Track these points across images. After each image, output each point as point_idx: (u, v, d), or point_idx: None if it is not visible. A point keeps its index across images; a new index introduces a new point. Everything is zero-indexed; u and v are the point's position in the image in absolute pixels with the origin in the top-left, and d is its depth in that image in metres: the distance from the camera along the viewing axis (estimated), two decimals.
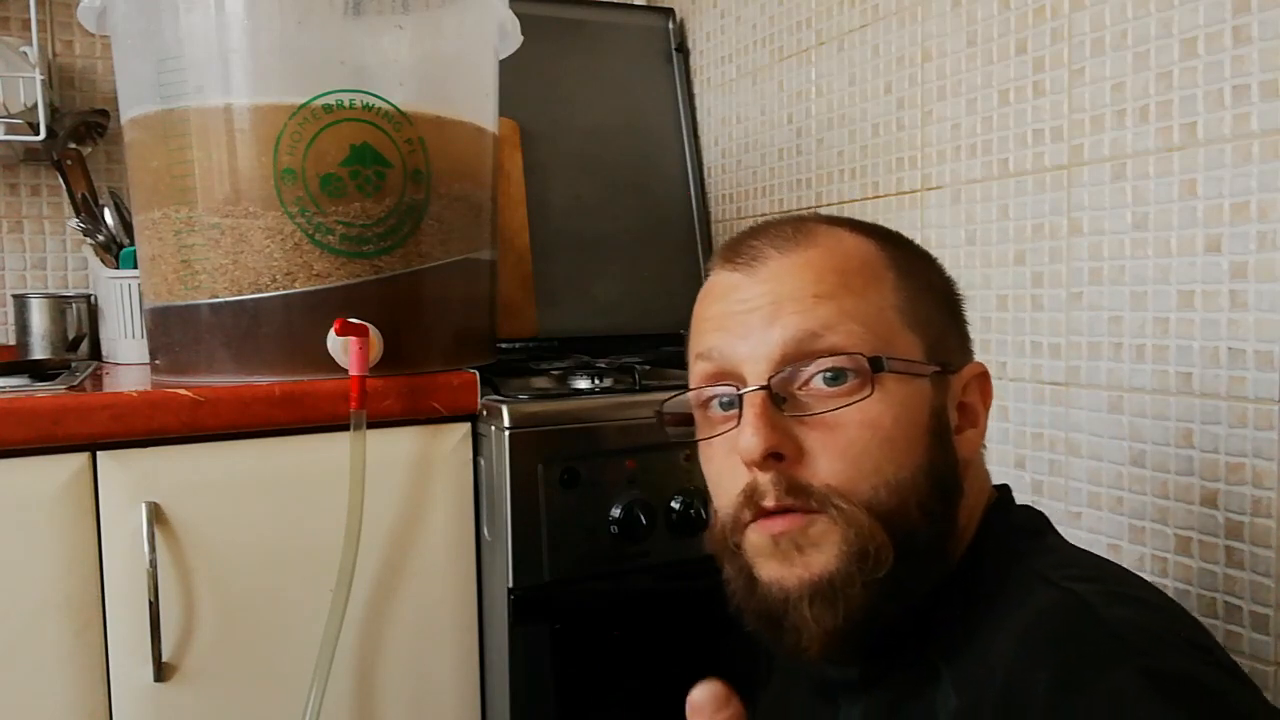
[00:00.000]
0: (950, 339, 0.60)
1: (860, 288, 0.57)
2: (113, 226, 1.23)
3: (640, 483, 0.96)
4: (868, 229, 0.61)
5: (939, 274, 0.63)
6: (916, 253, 0.63)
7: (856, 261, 0.58)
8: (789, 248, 0.59)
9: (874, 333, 0.56)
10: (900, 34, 1.15)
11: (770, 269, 0.58)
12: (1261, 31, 0.78)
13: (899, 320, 0.57)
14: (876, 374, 0.55)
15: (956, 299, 0.63)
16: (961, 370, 0.60)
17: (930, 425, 0.56)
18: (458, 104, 0.99)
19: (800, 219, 0.62)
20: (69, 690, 0.85)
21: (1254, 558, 0.81)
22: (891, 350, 0.56)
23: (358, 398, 0.87)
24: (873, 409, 0.54)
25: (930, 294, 0.60)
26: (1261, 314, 0.79)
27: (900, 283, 0.58)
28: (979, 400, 0.60)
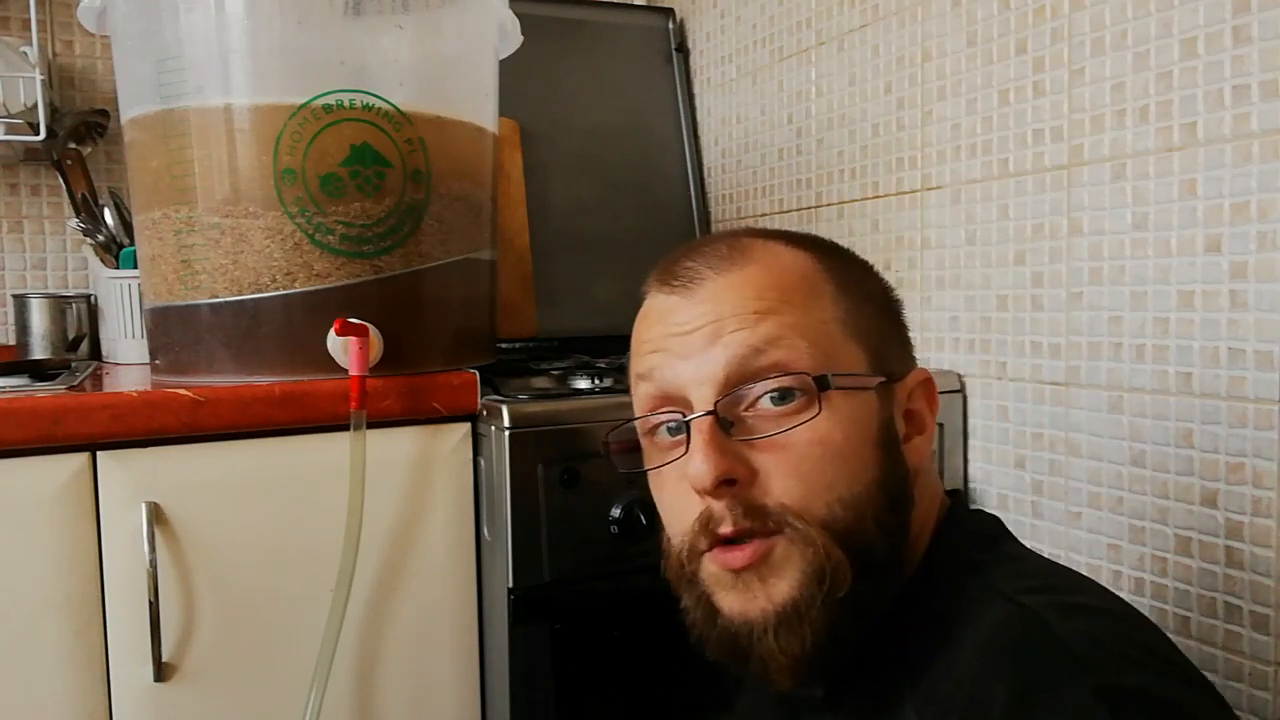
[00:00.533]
0: (892, 347, 0.60)
1: (800, 302, 0.56)
2: (113, 226, 1.23)
3: (640, 483, 0.96)
4: (803, 241, 0.61)
5: (876, 282, 0.62)
6: (853, 262, 0.62)
7: (795, 276, 0.58)
8: (725, 267, 0.58)
9: (818, 347, 0.55)
10: (900, 34, 1.15)
11: (708, 289, 0.57)
12: (1261, 31, 0.78)
13: (841, 333, 0.57)
14: (823, 391, 0.54)
15: (895, 305, 0.62)
16: (905, 378, 0.59)
17: (879, 437, 0.56)
18: (458, 104, 0.99)
19: (734, 235, 0.61)
20: (69, 690, 0.85)
21: (1254, 558, 0.81)
22: (836, 364, 0.55)
23: (358, 398, 0.87)
24: (822, 426, 0.54)
25: (870, 303, 0.60)
26: (1261, 314, 0.79)
27: (839, 295, 0.58)
28: (925, 407, 0.60)
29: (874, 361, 0.57)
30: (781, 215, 1.40)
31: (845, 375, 0.55)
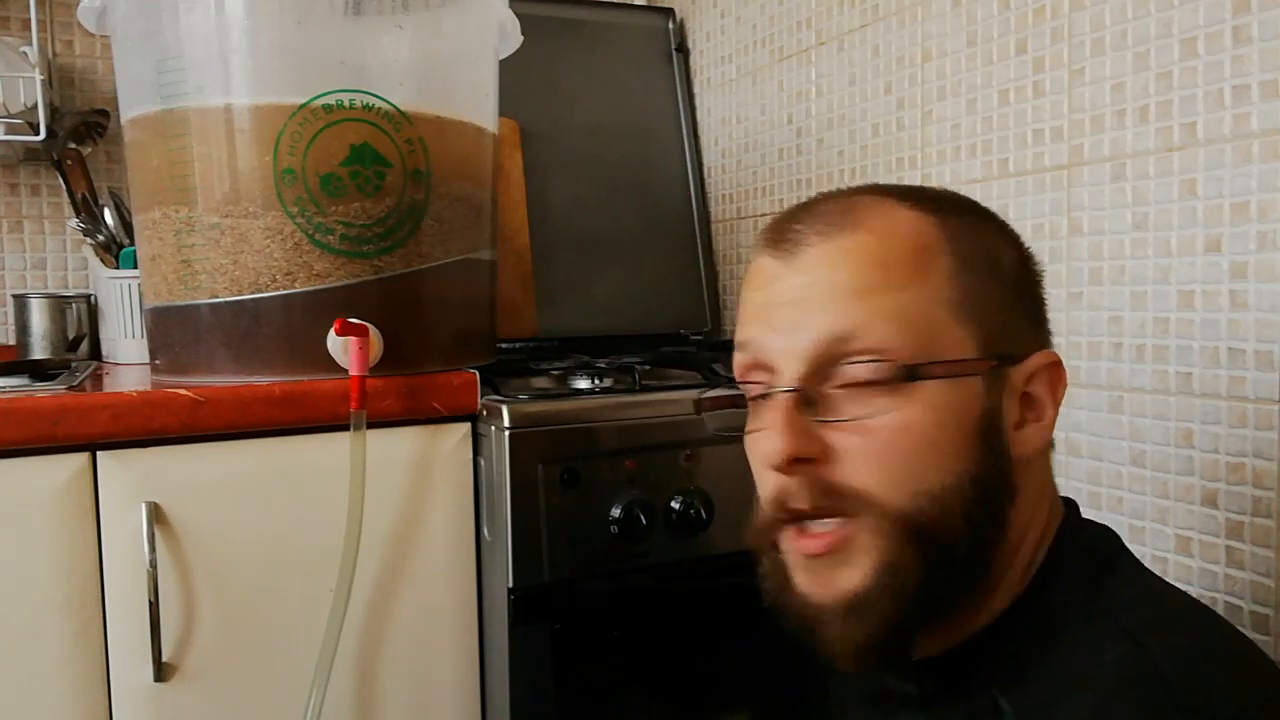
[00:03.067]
0: (1016, 324, 0.55)
1: (903, 280, 0.52)
2: (113, 226, 1.23)
3: (640, 483, 0.96)
4: (929, 200, 0.56)
5: (1009, 248, 0.57)
6: (984, 226, 0.57)
7: (905, 248, 0.53)
8: (832, 233, 0.54)
9: (917, 331, 0.52)
10: (900, 34, 1.15)
11: (810, 257, 0.54)
12: (1261, 31, 0.78)
13: (947, 314, 0.53)
14: (914, 380, 0.51)
15: (1029, 278, 0.57)
16: (1026, 360, 0.54)
17: (980, 426, 0.52)
18: (458, 104, 0.99)
19: (853, 193, 0.57)
20: (69, 690, 0.85)
21: (1254, 558, 0.81)
22: (937, 348, 0.52)
23: (358, 398, 0.87)
24: (910, 415, 0.51)
25: (993, 277, 0.55)
26: (1261, 314, 0.79)
27: (956, 267, 0.53)
28: (1047, 392, 0.55)
29: (987, 343, 0.53)
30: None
31: (941, 363, 0.52)
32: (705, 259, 1.58)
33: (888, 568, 0.51)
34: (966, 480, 0.52)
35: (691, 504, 0.97)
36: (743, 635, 1.03)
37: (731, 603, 1.03)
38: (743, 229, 1.50)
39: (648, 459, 0.97)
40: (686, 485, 0.98)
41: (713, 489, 0.98)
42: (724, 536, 0.98)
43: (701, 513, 0.97)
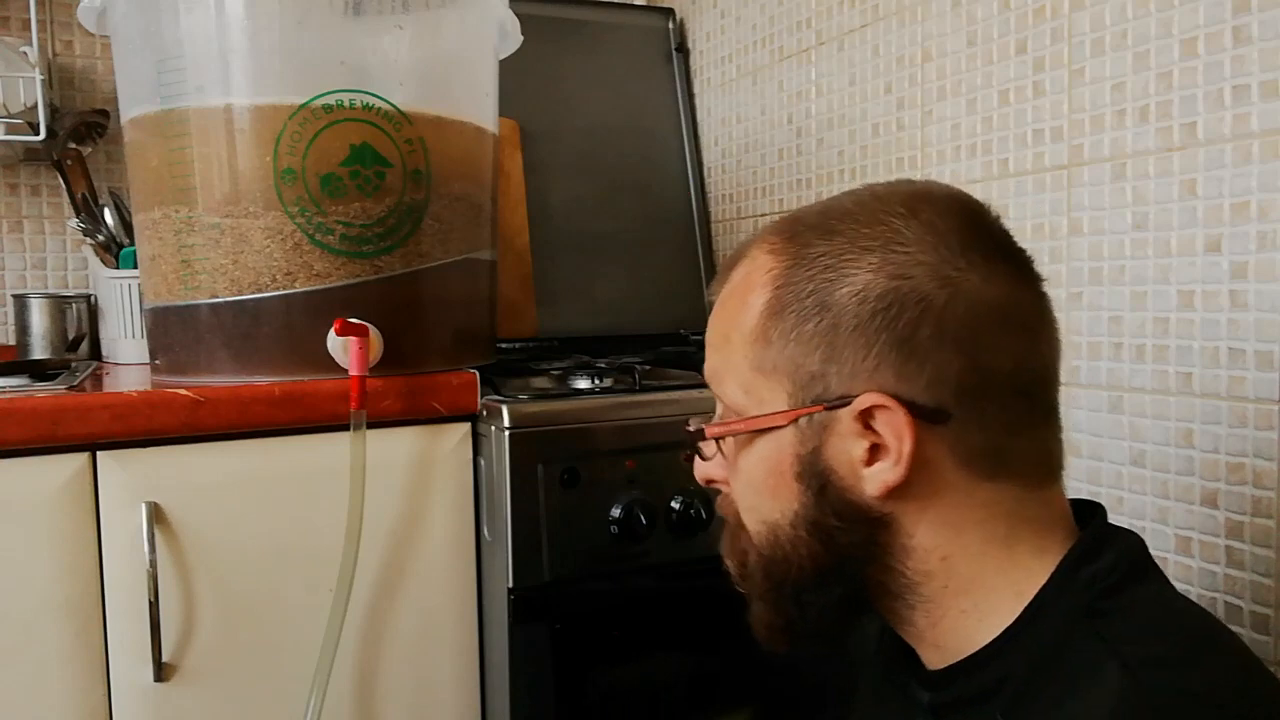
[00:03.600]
0: (848, 366, 0.53)
1: (733, 335, 0.58)
2: (113, 226, 1.23)
3: (640, 483, 0.96)
4: (792, 237, 0.57)
5: (851, 286, 0.53)
6: (843, 258, 0.54)
7: (741, 300, 0.58)
8: (721, 280, 0.61)
9: (739, 385, 0.57)
10: (900, 34, 1.15)
11: (716, 300, 0.61)
12: (1261, 31, 0.78)
13: (752, 368, 0.57)
14: (713, 440, 0.59)
15: (896, 310, 0.53)
16: (854, 401, 0.53)
17: (795, 471, 0.56)
18: (458, 104, 0.99)
19: (766, 230, 0.60)
20: (69, 690, 0.85)
21: (1254, 558, 0.81)
22: (753, 403, 0.57)
23: (358, 398, 0.87)
24: (743, 461, 0.58)
25: (816, 319, 0.54)
26: (1261, 314, 0.79)
27: (771, 319, 0.55)
28: (888, 430, 0.53)
29: (797, 392, 0.55)
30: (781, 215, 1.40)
31: (721, 425, 0.58)
32: (705, 259, 1.58)
33: (758, 576, 0.59)
34: (795, 518, 0.56)
35: (691, 504, 0.97)
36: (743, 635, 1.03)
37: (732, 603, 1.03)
38: (743, 229, 1.50)
39: (648, 459, 0.97)
40: (686, 485, 0.98)
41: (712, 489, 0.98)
42: None
43: (701, 513, 0.97)
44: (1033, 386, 0.55)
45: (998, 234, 0.56)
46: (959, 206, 0.56)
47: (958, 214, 0.55)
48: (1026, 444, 0.55)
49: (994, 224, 0.57)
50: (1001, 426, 0.54)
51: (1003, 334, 0.53)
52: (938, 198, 0.56)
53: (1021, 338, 0.54)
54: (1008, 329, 0.54)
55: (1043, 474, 0.57)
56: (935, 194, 0.57)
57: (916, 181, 0.61)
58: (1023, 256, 0.56)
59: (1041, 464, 0.57)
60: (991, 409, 0.53)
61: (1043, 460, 0.57)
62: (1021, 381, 0.54)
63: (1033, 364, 0.55)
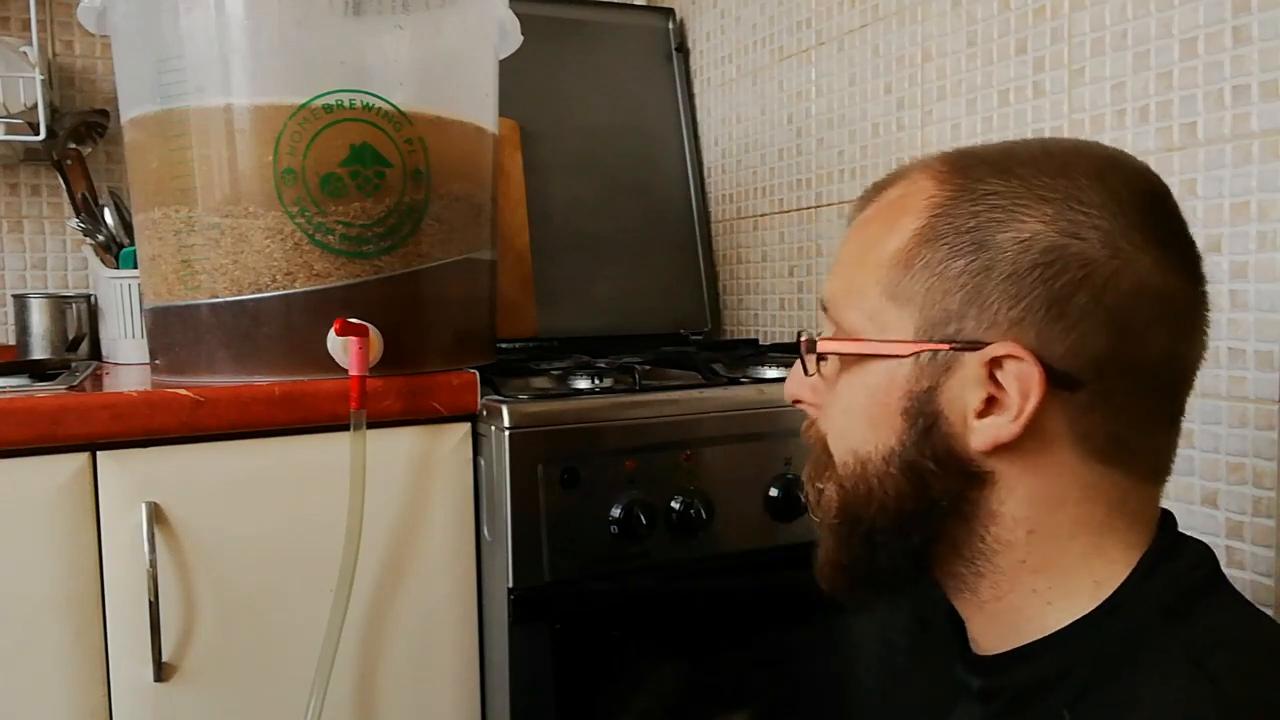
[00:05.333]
0: (987, 310, 0.51)
1: (862, 256, 0.56)
2: (113, 226, 1.23)
3: (640, 483, 0.96)
4: (960, 165, 0.54)
5: (1017, 232, 0.51)
6: (1013, 199, 0.52)
7: (883, 221, 0.55)
8: (872, 196, 0.58)
9: (861, 311, 0.55)
10: (900, 34, 1.15)
11: (857, 218, 0.59)
12: (1261, 31, 0.78)
13: (881, 293, 0.54)
14: (823, 358, 0.57)
15: (1050, 263, 0.50)
16: (985, 348, 0.51)
17: (903, 407, 0.54)
18: (458, 104, 0.99)
19: (929, 157, 0.57)
20: (69, 690, 0.85)
21: (1254, 558, 0.81)
22: (873, 328, 0.55)
23: (358, 398, 0.87)
24: (846, 383, 0.56)
25: (968, 256, 0.51)
26: (1261, 314, 0.79)
27: (916, 243, 0.53)
28: (1013, 385, 0.51)
29: (926, 327, 0.53)
30: (781, 215, 1.40)
31: (840, 339, 0.56)
32: (705, 259, 1.58)
33: (833, 508, 0.58)
34: (890, 453, 0.54)
35: (691, 504, 0.97)
36: (743, 635, 1.03)
37: (732, 602, 1.03)
38: (743, 229, 1.50)
39: (648, 459, 0.97)
40: (686, 485, 0.98)
41: (713, 489, 0.98)
42: (724, 536, 0.98)
43: (701, 513, 0.97)
44: (1170, 384, 0.54)
45: (1177, 222, 0.54)
46: (1147, 184, 0.54)
47: (1145, 191, 0.53)
48: (1146, 439, 0.53)
49: (1175, 210, 0.55)
50: (1128, 415, 0.52)
51: (1159, 323, 0.51)
52: (1128, 168, 0.54)
53: (1175, 332, 0.52)
54: (1165, 320, 0.51)
55: (1150, 471, 0.55)
56: (1126, 164, 0.55)
57: (1109, 147, 0.57)
58: (1194, 251, 0.54)
59: (1154, 461, 0.55)
60: (1123, 394, 0.51)
61: (1157, 458, 0.55)
62: (1161, 376, 0.53)
63: (1177, 362, 0.53)
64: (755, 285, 1.49)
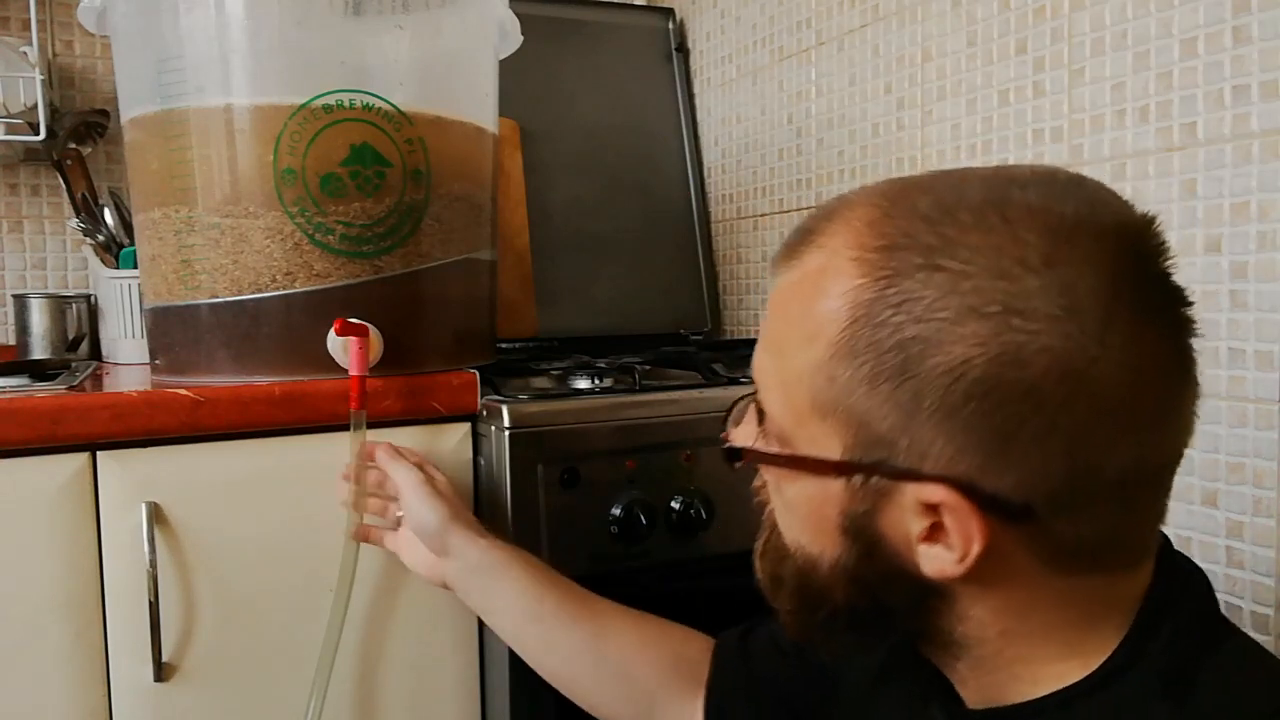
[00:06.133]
0: (924, 435, 0.44)
1: (781, 344, 0.48)
2: (113, 226, 1.23)
3: (640, 483, 0.96)
4: (887, 238, 0.45)
5: (945, 357, 0.42)
6: (927, 309, 0.43)
7: (801, 305, 0.47)
8: (794, 250, 0.49)
9: (789, 408, 0.48)
10: (900, 34, 1.15)
11: (775, 286, 0.51)
12: (1261, 31, 0.78)
13: (805, 399, 0.47)
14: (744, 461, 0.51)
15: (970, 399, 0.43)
16: (923, 484, 0.44)
17: (842, 525, 0.48)
18: (458, 104, 0.99)
19: (858, 205, 0.48)
20: (69, 690, 0.85)
21: (1254, 558, 0.81)
22: (801, 430, 0.48)
23: (358, 398, 0.87)
24: (781, 478, 0.51)
25: (889, 382, 0.44)
26: (1261, 314, 0.79)
27: (835, 355, 0.45)
28: (956, 530, 0.45)
29: (859, 447, 0.46)
30: (781, 215, 1.40)
31: (764, 452, 0.50)
32: (705, 259, 1.58)
33: (786, 598, 0.54)
34: (836, 565, 0.49)
35: (691, 504, 0.97)
36: None
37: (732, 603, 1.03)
38: (743, 229, 1.51)
39: (648, 459, 0.97)
40: (686, 485, 0.98)
41: (713, 489, 0.98)
42: (724, 536, 0.98)
43: (701, 513, 0.97)
44: (1149, 480, 0.46)
45: (1156, 279, 0.45)
46: (1119, 247, 0.44)
47: (1113, 260, 0.43)
48: (1124, 534, 0.47)
49: (1155, 265, 0.45)
50: (1098, 527, 0.45)
51: (1127, 431, 0.44)
52: (1093, 232, 0.44)
53: (1150, 432, 0.45)
54: (1135, 425, 0.44)
55: (1136, 558, 0.49)
56: (1091, 227, 0.44)
57: (1083, 186, 0.47)
58: (1176, 310, 0.46)
59: (1137, 548, 0.49)
60: (1089, 510, 0.45)
61: (1139, 545, 0.49)
62: (1135, 479, 0.45)
63: (1155, 459, 0.46)
64: (755, 285, 1.49)
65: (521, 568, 0.81)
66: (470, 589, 0.83)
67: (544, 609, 0.79)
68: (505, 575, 0.80)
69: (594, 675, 0.77)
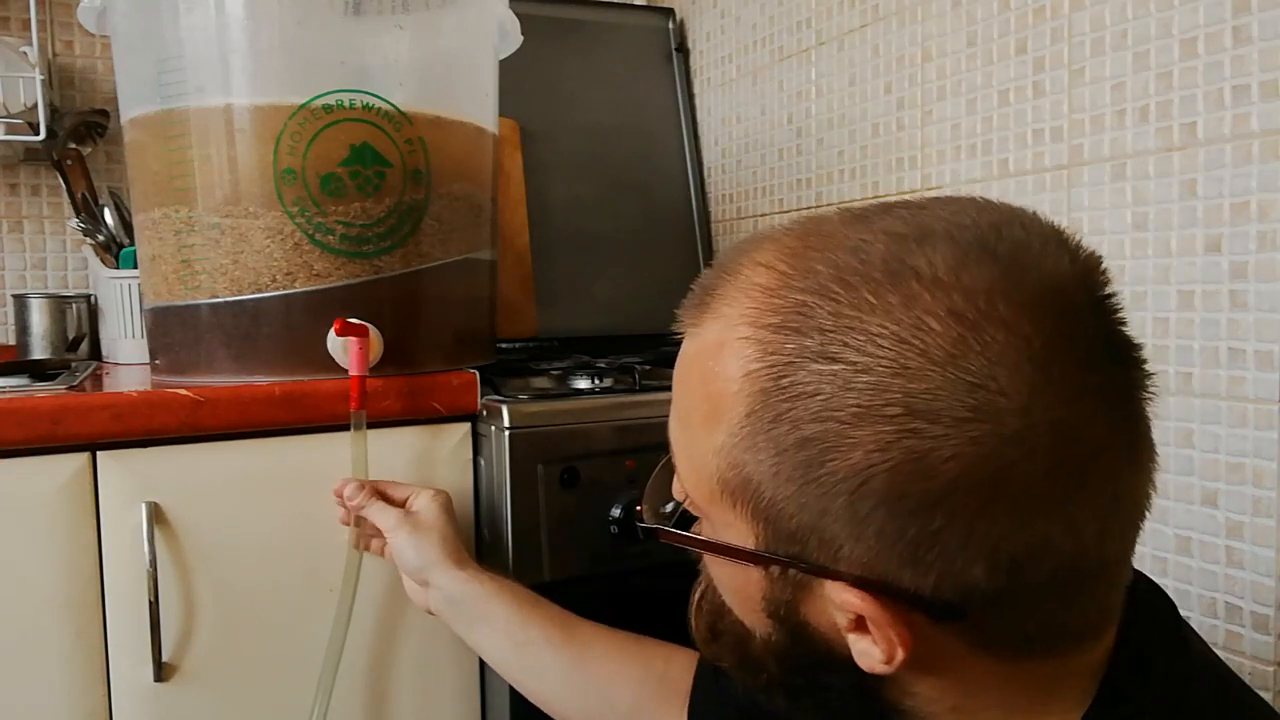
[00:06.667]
0: (829, 544, 0.41)
1: (687, 418, 0.46)
2: (113, 226, 1.23)
3: (640, 483, 0.96)
4: (783, 313, 0.41)
5: (844, 459, 0.39)
6: (824, 402, 0.39)
7: (700, 382, 0.44)
8: (686, 324, 0.47)
9: (701, 486, 0.45)
10: (900, 34, 1.15)
11: (683, 347, 0.48)
12: (1261, 31, 0.78)
13: (717, 487, 0.44)
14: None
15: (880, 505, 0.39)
16: (837, 582, 0.41)
17: (770, 609, 0.46)
18: (458, 104, 0.99)
19: (730, 264, 0.46)
20: (69, 690, 0.85)
21: (1254, 558, 0.81)
22: (713, 510, 0.45)
23: (358, 398, 0.87)
24: (706, 558, 0.50)
25: (793, 483, 0.40)
26: (1261, 314, 0.79)
27: (735, 447, 0.42)
28: (879, 634, 0.42)
29: (772, 539, 0.42)
30: (781, 215, 1.40)
31: (678, 533, 0.48)
32: (705, 259, 1.58)
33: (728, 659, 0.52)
34: (768, 640, 0.47)
35: None
36: None
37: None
38: (743, 229, 1.50)
39: (648, 459, 0.97)
40: None
41: None
42: None
43: None
44: (1093, 571, 0.42)
45: (1093, 343, 0.40)
46: (1044, 315, 0.38)
47: (1035, 332, 0.38)
48: (1074, 623, 0.43)
49: (1091, 326, 0.40)
50: (1038, 618, 0.42)
51: (1058, 527, 0.39)
52: (1014, 302, 0.38)
53: (1089, 522, 0.40)
54: (1068, 519, 0.39)
55: (1093, 636, 0.45)
56: (1011, 297, 0.38)
57: (991, 238, 0.40)
58: (1120, 372, 0.41)
59: (1091, 630, 0.45)
60: (1025, 605, 0.41)
61: (1094, 626, 0.45)
62: (1074, 574, 0.41)
63: (1098, 550, 0.41)
64: None
65: (503, 598, 0.82)
66: (454, 619, 0.84)
67: (527, 636, 0.80)
68: (487, 606, 0.82)
69: (579, 699, 0.78)
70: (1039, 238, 0.41)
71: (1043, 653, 0.44)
